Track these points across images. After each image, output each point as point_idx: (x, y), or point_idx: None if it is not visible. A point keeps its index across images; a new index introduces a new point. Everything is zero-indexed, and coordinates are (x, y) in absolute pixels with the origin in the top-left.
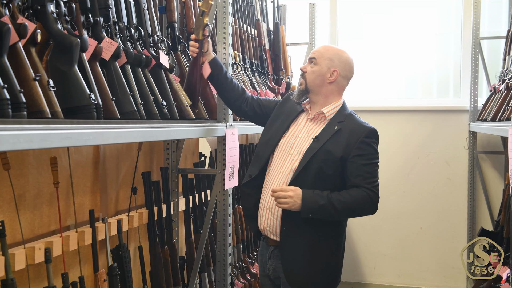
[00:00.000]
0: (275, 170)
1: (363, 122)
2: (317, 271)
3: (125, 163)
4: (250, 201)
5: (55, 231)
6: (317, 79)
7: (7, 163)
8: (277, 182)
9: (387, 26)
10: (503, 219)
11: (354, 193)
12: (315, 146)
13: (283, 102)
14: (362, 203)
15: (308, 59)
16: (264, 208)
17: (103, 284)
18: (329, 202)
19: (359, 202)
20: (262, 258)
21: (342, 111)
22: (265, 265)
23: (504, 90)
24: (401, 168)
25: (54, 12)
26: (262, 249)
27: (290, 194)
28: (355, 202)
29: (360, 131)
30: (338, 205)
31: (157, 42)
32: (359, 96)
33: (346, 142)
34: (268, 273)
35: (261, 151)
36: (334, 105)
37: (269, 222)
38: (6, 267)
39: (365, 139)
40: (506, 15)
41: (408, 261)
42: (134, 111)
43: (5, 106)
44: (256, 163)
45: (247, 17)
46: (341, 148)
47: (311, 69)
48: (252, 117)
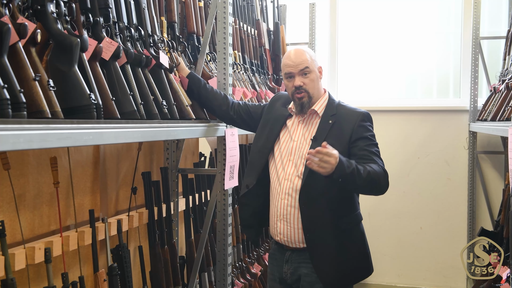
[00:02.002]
0: (281, 179)
1: (355, 108)
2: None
3: (125, 163)
4: (247, 211)
5: (55, 231)
6: (316, 84)
7: (7, 163)
8: (285, 191)
9: (387, 26)
10: (503, 219)
11: (373, 165)
12: (316, 146)
13: (270, 107)
14: (381, 175)
15: (298, 71)
16: (278, 219)
17: (103, 284)
18: (357, 169)
19: (378, 174)
20: (276, 262)
21: (332, 103)
22: (280, 269)
23: (504, 90)
24: (401, 168)
25: (54, 12)
26: (276, 253)
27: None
28: (376, 173)
29: (354, 117)
30: (363, 173)
31: (157, 42)
32: (359, 96)
33: (344, 132)
34: (285, 276)
35: (255, 159)
36: (322, 100)
37: (285, 232)
38: (6, 267)
39: (361, 123)
40: (506, 15)
41: (408, 261)
42: (134, 111)
43: (5, 106)
44: (251, 173)
45: (247, 17)
46: (341, 140)
47: (309, 79)
48: (240, 124)
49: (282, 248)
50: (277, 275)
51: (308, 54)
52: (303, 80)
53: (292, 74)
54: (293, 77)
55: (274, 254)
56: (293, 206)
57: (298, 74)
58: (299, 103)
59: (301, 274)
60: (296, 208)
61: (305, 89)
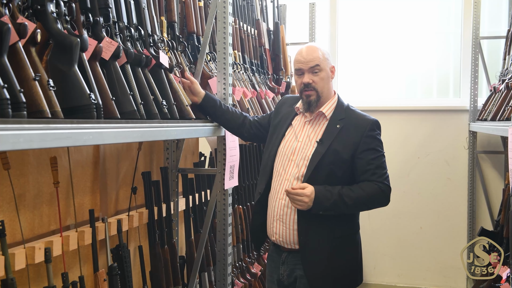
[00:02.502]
0: (280, 178)
1: (364, 114)
2: (339, 271)
3: (125, 163)
4: (257, 220)
5: (55, 231)
6: (327, 83)
7: (7, 163)
8: (282, 191)
9: (387, 26)
10: (503, 219)
11: (366, 187)
12: (321, 150)
13: (276, 113)
14: (374, 196)
15: (308, 68)
16: (274, 219)
17: (103, 284)
18: (340, 199)
19: (371, 196)
20: (273, 264)
21: (341, 106)
22: (277, 271)
23: (504, 89)
24: (401, 168)
25: (54, 12)
26: (273, 254)
27: (306, 194)
28: (367, 196)
29: (363, 125)
30: (349, 201)
31: (157, 42)
32: (359, 96)
33: (352, 139)
34: (282, 278)
35: (264, 164)
36: (331, 102)
37: (281, 233)
38: (6, 267)
39: (369, 133)
40: (506, 15)
41: (408, 261)
42: (134, 111)
43: (5, 106)
44: (262, 178)
45: (247, 17)
46: (348, 147)
47: (319, 77)
48: (255, 140)
49: (279, 250)
50: (275, 276)
51: (321, 52)
52: (313, 78)
53: (302, 71)
54: (302, 74)
55: (271, 255)
56: (289, 207)
57: (308, 71)
58: (307, 101)
59: (297, 275)
60: (292, 209)
61: (314, 87)
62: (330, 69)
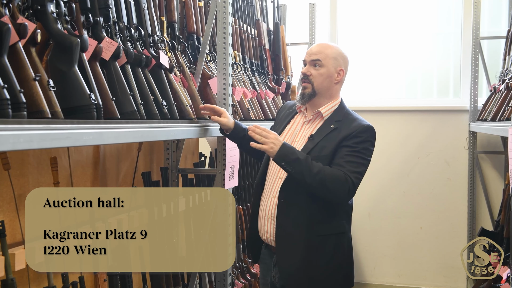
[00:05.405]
0: (274, 176)
1: (361, 119)
2: (316, 274)
3: (125, 163)
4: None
5: None
6: (326, 81)
7: (7, 163)
8: (275, 189)
9: (387, 26)
10: (503, 219)
11: (333, 169)
12: (309, 145)
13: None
14: (337, 180)
15: (310, 61)
16: (266, 217)
17: (103, 284)
18: (306, 161)
19: (334, 178)
20: (265, 266)
21: (341, 110)
22: (269, 274)
23: (504, 90)
24: (401, 168)
25: (54, 12)
26: (265, 257)
27: (271, 136)
28: (331, 175)
29: (355, 127)
30: (313, 169)
31: (157, 42)
32: (359, 96)
33: (340, 138)
34: (274, 281)
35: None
36: (332, 104)
37: (271, 231)
38: (6, 267)
39: (358, 134)
40: (506, 15)
41: (408, 261)
42: (134, 111)
43: (5, 106)
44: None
45: (247, 17)
46: (334, 143)
47: (317, 71)
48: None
49: (270, 252)
50: (268, 279)
51: (332, 51)
52: (311, 71)
53: (305, 62)
54: (306, 65)
55: (264, 258)
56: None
57: (309, 63)
58: (302, 92)
59: None
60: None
61: (310, 80)
62: (337, 71)
